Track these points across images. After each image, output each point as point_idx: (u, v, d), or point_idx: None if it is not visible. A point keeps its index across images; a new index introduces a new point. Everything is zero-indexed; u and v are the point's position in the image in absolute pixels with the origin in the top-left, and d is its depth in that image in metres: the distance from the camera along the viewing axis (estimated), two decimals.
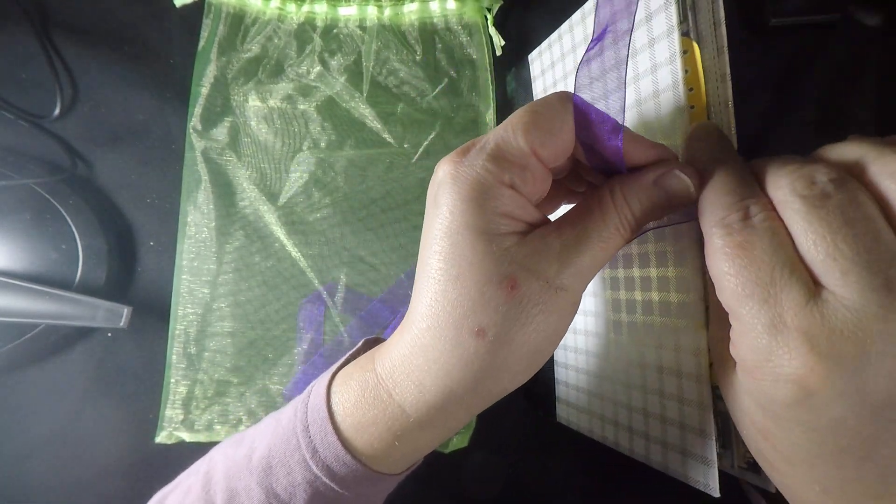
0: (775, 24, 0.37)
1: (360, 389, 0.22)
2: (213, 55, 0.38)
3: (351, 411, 0.22)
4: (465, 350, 0.19)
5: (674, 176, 0.19)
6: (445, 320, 0.19)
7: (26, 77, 0.38)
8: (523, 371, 0.20)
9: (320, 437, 0.22)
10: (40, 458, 0.36)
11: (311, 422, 0.22)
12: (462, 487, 0.37)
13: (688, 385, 0.23)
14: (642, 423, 0.26)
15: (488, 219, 0.18)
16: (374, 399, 0.21)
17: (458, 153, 0.19)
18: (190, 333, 0.37)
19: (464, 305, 0.18)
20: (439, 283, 0.19)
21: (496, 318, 0.18)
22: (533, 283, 0.18)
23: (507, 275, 0.18)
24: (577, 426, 0.32)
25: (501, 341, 0.18)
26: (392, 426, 0.21)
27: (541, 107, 0.19)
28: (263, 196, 0.38)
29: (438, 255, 0.19)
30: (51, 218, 0.35)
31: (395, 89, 0.39)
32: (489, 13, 0.39)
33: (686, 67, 0.22)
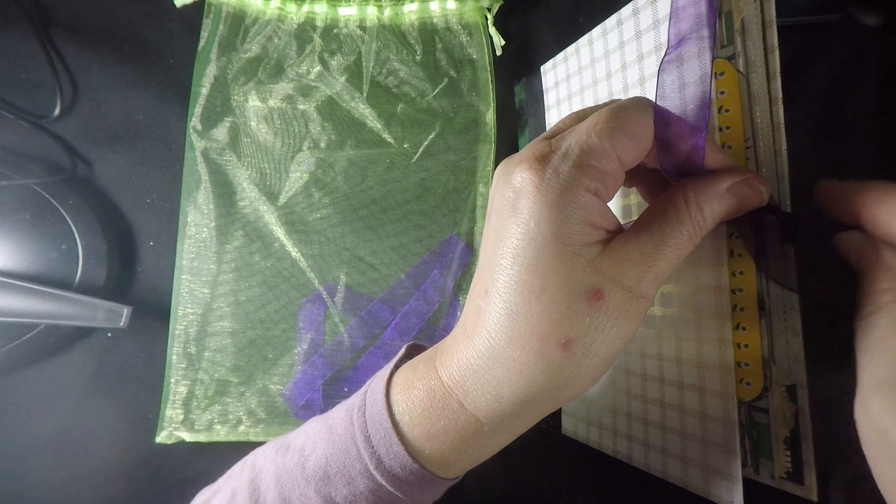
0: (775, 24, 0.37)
1: (427, 398, 0.21)
2: (213, 55, 0.38)
3: (419, 421, 0.21)
4: (550, 362, 0.19)
5: (749, 185, 0.20)
6: (530, 332, 0.18)
7: (26, 77, 0.38)
8: (598, 376, 0.20)
9: (385, 447, 0.21)
10: (40, 458, 0.36)
11: (371, 431, 0.22)
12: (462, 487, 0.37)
13: (712, 401, 0.23)
14: (660, 438, 0.26)
15: (574, 228, 0.18)
16: (443, 408, 0.21)
17: (538, 160, 0.19)
18: (190, 333, 0.37)
19: (551, 318, 0.18)
20: (521, 295, 0.18)
21: (583, 329, 0.18)
22: (618, 293, 0.18)
23: (594, 286, 0.18)
24: (586, 439, 0.32)
25: (586, 352, 0.18)
26: (465, 435, 0.21)
27: (624, 111, 0.19)
28: (263, 196, 0.38)
29: (520, 266, 0.18)
30: (51, 218, 0.35)
31: (395, 89, 0.39)
32: (489, 13, 0.39)
33: (722, 89, 0.23)
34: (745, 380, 0.22)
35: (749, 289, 0.22)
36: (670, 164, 0.21)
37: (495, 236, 0.19)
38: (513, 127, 0.40)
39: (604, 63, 0.29)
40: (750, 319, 0.22)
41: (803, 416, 0.21)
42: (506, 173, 0.20)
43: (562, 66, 0.33)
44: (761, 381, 0.22)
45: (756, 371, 0.22)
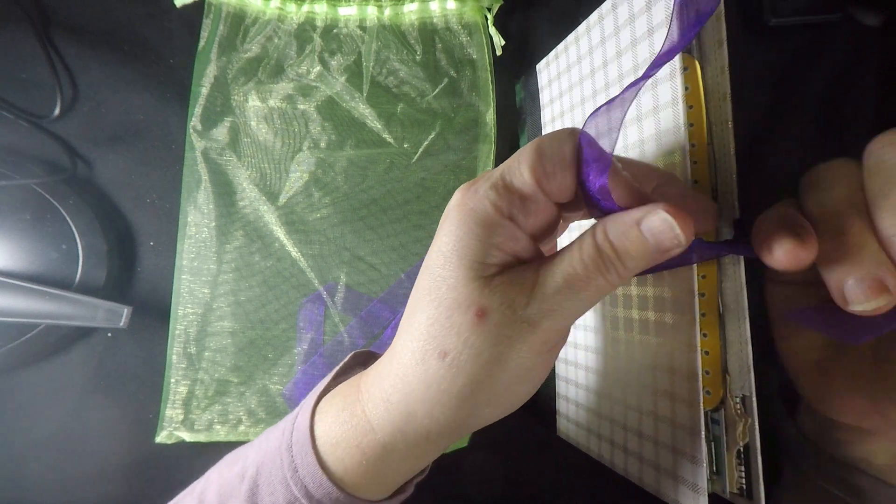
0: (775, 24, 0.37)
1: (341, 405, 0.22)
2: (214, 55, 0.38)
3: (328, 428, 0.21)
4: (427, 370, 0.19)
5: (656, 216, 0.17)
6: (417, 339, 0.19)
7: (26, 77, 0.38)
8: (491, 405, 0.19)
9: (301, 456, 0.21)
10: (40, 458, 0.36)
11: (294, 440, 0.22)
12: (462, 487, 0.37)
13: (680, 409, 0.22)
14: (637, 445, 0.26)
15: (481, 248, 0.18)
16: (350, 415, 0.21)
17: (471, 181, 0.19)
18: (190, 333, 0.37)
19: (434, 327, 0.18)
20: (422, 303, 0.19)
21: (458, 343, 0.18)
22: (500, 314, 0.18)
23: (478, 303, 0.18)
24: (577, 442, 0.32)
25: (461, 368, 0.18)
26: (361, 443, 0.21)
27: (548, 141, 0.19)
28: (263, 196, 0.38)
29: (429, 277, 0.19)
30: (51, 218, 0.35)
31: (395, 89, 0.39)
32: (489, 13, 0.39)
33: (686, 84, 0.22)
34: (707, 388, 0.22)
35: (711, 293, 0.22)
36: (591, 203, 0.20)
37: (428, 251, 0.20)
38: (513, 127, 0.40)
39: (588, 60, 0.29)
40: (711, 326, 0.22)
41: (753, 429, 0.21)
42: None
43: (553, 65, 0.33)
44: (720, 391, 0.22)
45: (716, 380, 0.22)
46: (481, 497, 0.37)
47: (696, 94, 0.22)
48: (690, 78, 0.22)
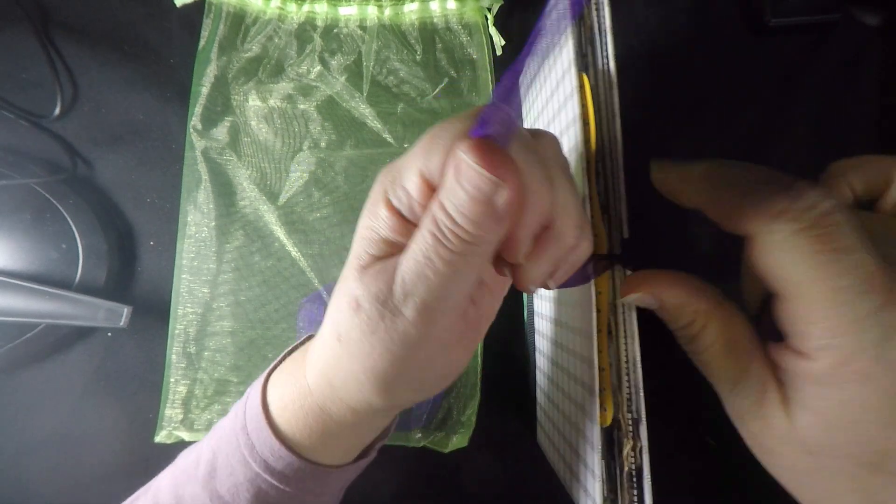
0: (775, 25, 0.37)
1: (288, 370, 0.23)
2: (214, 55, 0.38)
3: (278, 393, 0.23)
4: (332, 347, 0.20)
5: (458, 158, 0.16)
6: (328, 319, 0.20)
7: (26, 77, 0.38)
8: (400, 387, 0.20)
9: (256, 432, 0.22)
10: (40, 458, 0.36)
11: (248, 418, 0.23)
12: (462, 487, 0.37)
13: (587, 423, 0.22)
14: (568, 453, 0.26)
15: (361, 237, 0.19)
16: (294, 379, 0.22)
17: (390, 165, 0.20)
18: (190, 333, 0.37)
19: (332, 309, 0.20)
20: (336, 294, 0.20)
21: (345, 330, 0.19)
22: (371, 304, 0.18)
23: (352, 294, 0.18)
24: (545, 452, 0.32)
25: (350, 350, 0.19)
26: (304, 404, 0.22)
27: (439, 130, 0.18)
28: (263, 196, 0.38)
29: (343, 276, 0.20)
30: (51, 218, 0.35)
31: (395, 89, 0.39)
32: (489, 13, 0.39)
33: (583, 102, 0.22)
34: (604, 405, 0.22)
35: (604, 310, 0.22)
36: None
37: None
38: None
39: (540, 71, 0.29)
40: (604, 342, 0.22)
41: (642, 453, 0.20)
42: None
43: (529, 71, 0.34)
44: (611, 409, 0.22)
45: (609, 398, 0.22)
46: (481, 497, 0.37)
47: (589, 112, 0.22)
48: (585, 95, 0.22)
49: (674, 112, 0.38)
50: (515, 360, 0.38)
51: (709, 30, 0.39)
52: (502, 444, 0.37)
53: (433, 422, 0.37)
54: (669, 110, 0.38)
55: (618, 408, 0.21)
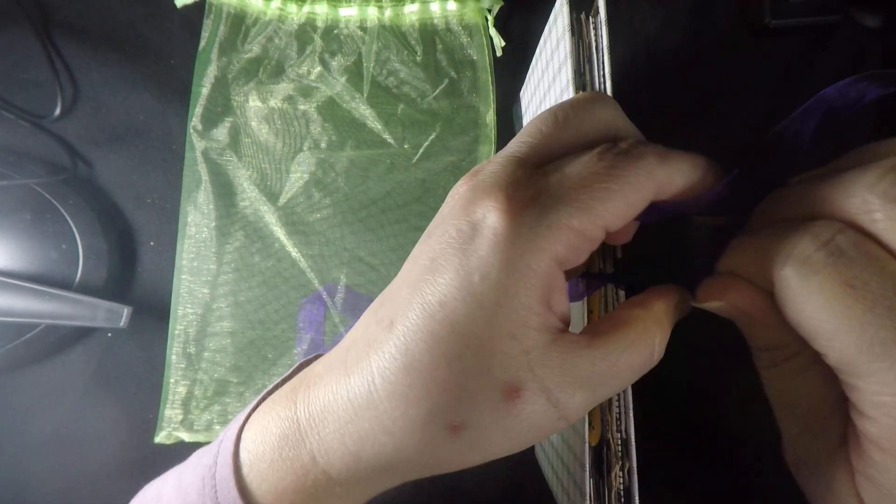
0: (775, 26, 0.37)
1: (278, 446, 0.17)
2: (214, 55, 0.38)
3: (267, 477, 0.17)
4: (429, 439, 0.15)
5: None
6: (419, 399, 0.15)
7: (26, 77, 0.38)
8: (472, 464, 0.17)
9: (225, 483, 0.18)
10: (40, 458, 0.36)
11: (218, 481, 0.18)
12: (462, 487, 0.37)
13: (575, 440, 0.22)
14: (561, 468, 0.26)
15: (525, 303, 0.14)
16: (293, 460, 0.17)
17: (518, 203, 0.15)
18: (190, 333, 0.37)
19: (451, 393, 0.15)
20: (429, 352, 0.15)
21: (482, 421, 0.15)
22: (542, 402, 0.14)
23: (516, 382, 0.14)
24: (542, 467, 0.32)
25: (476, 447, 0.15)
26: (315, 494, 0.17)
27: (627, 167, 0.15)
28: (264, 196, 0.38)
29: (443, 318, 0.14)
30: (51, 218, 0.35)
31: (395, 90, 0.39)
32: (490, 14, 0.39)
33: None
34: (592, 423, 0.21)
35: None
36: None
37: (429, 266, 0.15)
38: (513, 129, 0.40)
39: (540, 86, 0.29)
40: None
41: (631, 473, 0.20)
42: (470, 198, 0.16)
43: (527, 91, 0.34)
44: (599, 427, 0.21)
45: (596, 416, 0.21)
46: (481, 497, 0.37)
47: None
48: None
49: (673, 113, 0.38)
50: None
51: (709, 31, 0.39)
52: None
53: None
54: (669, 111, 0.38)
55: (606, 427, 0.21)
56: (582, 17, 0.23)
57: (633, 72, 0.38)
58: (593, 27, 0.23)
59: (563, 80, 0.23)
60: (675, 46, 0.39)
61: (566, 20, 0.22)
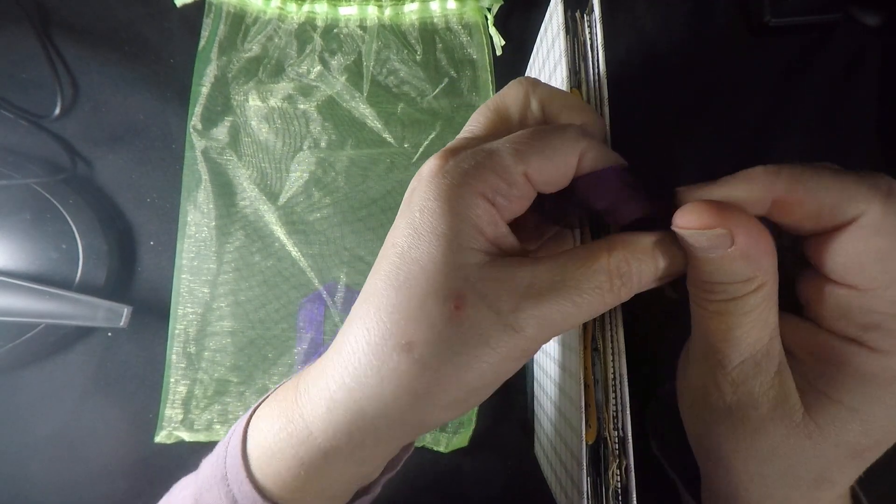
0: (775, 25, 0.37)
1: (277, 412, 0.19)
2: (214, 55, 0.38)
3: (263, 439, 0.19)
4: (385, 363, 0.16)
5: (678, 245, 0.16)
6: (375, 328, 0.16)
7: (26, 77, 0.38)
8: (447, 408, 0.17)
9: (237, 484, 0.19)
10: (40, 458, 0.36)
11: (228, 467, 0.19)
12: (462, 487, 0.37)
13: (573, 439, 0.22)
14: (559, 468, 0.26)
15: (457, 227, 0.16)
16: (286, 421, 0.18)
17: (448, 152, 0.17)
18: (190, 333, 0.37)
19: (399, 314, 0.16)
20: (383, 286, 0.16)
21: (430, 335, 0.16)
22: (483, 310, 0.15)
23: (456, 292, 0.15)
24: (541, 465, 0.32)
25: (428, 364, 0.16)
26: (298, 452, 0.18)
27: (549, 136, 0.17)
28: (263, 196, 0.38)
29: (393, 255, 0.17)
30: (51, 218, 0.35)
31: (395, 89, 0.39)
32: (489, 13, 0.39)
33: None
34: (589, 421, 0.21)
35: (589, 326, 0.22)
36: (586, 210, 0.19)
37: (391, 228, 0.18)
38: None
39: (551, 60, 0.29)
40: (588, 359, 0.22)
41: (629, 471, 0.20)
42: (420, 169, 0.18)
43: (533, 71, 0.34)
44: (595, 425, 0.21)
45: (593, 414, 0.21)
46: (481, 497, 0.37)
47: None
48: None
49: (673, 112, 0.38)
50: None
51: (708, 30, 0.39)
52: (501, 443, 0.37)
53: None
54: (669, 110, 0.38)
55: (603, 425, 0.21)
56: (577, 15, 0.23)
57: (632, 70, 0.38)
58: (588, 25, 0.23)
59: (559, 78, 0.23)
60: (674, 45, 0.39)
61: (560, 18, 0.22)
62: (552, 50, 0.24)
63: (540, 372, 0.33)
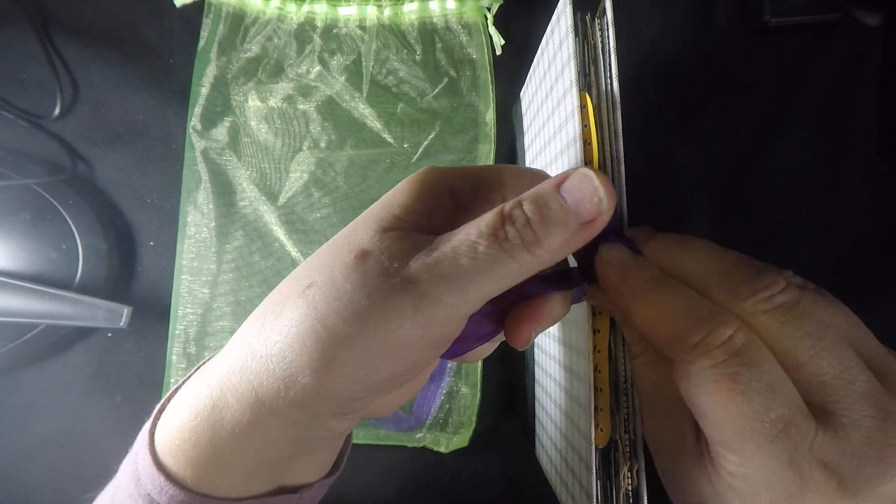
0: (775, 24, 0.37)
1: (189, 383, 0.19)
2: (213, 55, 0.38)
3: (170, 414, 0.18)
4: (280, 302, 0.16)
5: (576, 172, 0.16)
6: (286, 280, 0.17)
7: (26, 77, 0.38)
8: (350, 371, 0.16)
9: (143, 461, 0.18)
10: (40, 458, 0.36)
11: (138, 447, 0.19)
12: (462, 487, 0.37)
13: (582, 443, 0.22)
14: (565, 471, 0.26)
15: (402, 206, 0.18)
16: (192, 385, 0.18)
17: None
18: (190, 333, 0.37)
19: (309, 264, 0.17)
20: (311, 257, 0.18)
21: (325, 278, 0.16)
22: (381, 263, 0.16)
23: (362, 246, 0.16)
24: (543, 467, 0.32)
25: (317, 304, 0.15)
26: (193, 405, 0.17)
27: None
28: (263, 196, 0.38)
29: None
30: (51, 218, 0.35)
31: (394, 89, 0.39)
32: (489, 13, 0.39)
33: (584, 122, 0.22)
34: (600, 426, 0.21)
35: (605, 330, 0.22)
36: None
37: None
38: (513, 128, 0.40)
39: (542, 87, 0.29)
40: (603, 363, 0.22)
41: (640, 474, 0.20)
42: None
43: (528, 91, 0.34)
44: (608, 429, 0.21)
45: (607, 418, 0.21)
46: (481, 497, 0.37)
47: (591, 132, 0.22)
48: (588, 115, 0.22)
49: (673, 112, 0.38)
50: (516, 361, 0.38)
51: (708, 30, 0.39)
52: (502, 444, 0.37)
53: (433, 422, 0.37)
54: (669, 110, 0.38)
55: (615, 428, 0.21)
56: (587, 18, 0.23)
57: (632, 70, 0.38)
58: (599, 29, 0.22)
59: (567, 81, 0.23)
60: (674, 45, 0.39)
61: (569, 21, 0.22)
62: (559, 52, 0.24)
63: (542, 374, 0.33)
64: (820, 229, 0.37)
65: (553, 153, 0.27)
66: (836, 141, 0.38)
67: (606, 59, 0.22)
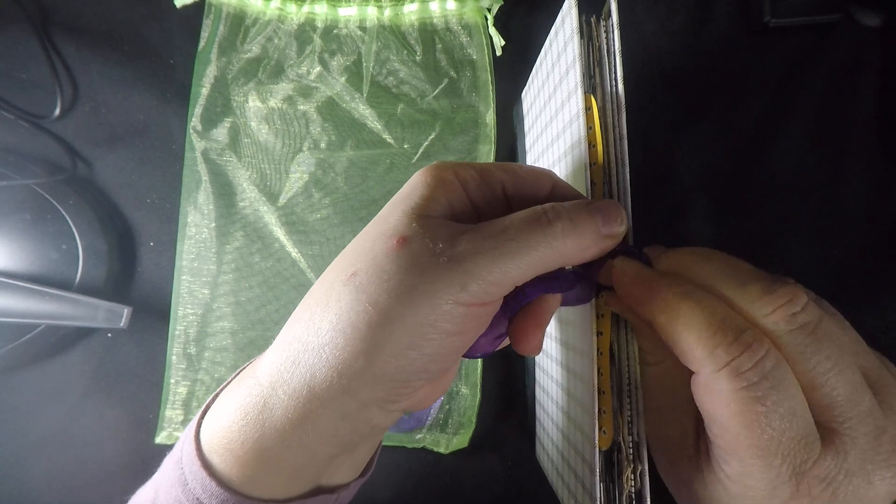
0: (775, 25, 0.37)
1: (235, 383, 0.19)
2: (214, 55, 0.38)
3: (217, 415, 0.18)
4: (326, 293, 0.17)
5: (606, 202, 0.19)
6: (328, 270, 0.18)
7: (26, 77, 0.38)
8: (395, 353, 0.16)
9: (189, 464, 0.18)
10: (40, 458, 0.36)
11: (184, 450, 0.19)
12: (462, 489, 0.37)
13: (585, 445, 0.22)
14: (567, 473, 0.26)
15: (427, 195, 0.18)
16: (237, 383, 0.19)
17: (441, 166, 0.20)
18: (190, 334, 0.37)
19: (349, 252, 0.18)
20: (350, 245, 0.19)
21: (369, 265, 0.16)
22: (423, 244, 0.16)
23: (401, 232, 0.17)
24: (544, 469, 0.32)
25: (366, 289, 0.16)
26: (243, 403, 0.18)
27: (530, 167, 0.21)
28: (263, 196, 0.38)
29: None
30: (51, 218, 0.35)
31: (395, 90, 0.39)
32: (489, 13, 0.39)
33: (589, 124, 0.22)
34: (604, 428, 0.21)
35: (606, 333, 0.22)
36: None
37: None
38: (514, 129, 0.40)
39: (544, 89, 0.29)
40: (605, 365, 0.22)
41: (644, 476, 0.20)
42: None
43: (530, 92, 0.34)
44: (611, 432, 0.21)
45: (609, 420, 0.21)
46: (481, 498, 0.37)
47: (596, 134, 0.22)
48: (592, 118, 0.22)
49: (673, 112, 0.38)
50: (516, 362, 0.38)
51: (709, 30, 0.39)
52: (502, 445, 0.37)
53: (433, 423, 0.37)
54: (669, 111, 0.38)
55: (618, 431, 0.21)
56: (592, 20, 0.23)
57: (633, 71, 0.38)
58: (605, 30, 0.22)
59: (571, 82, 0.23)
60: (674, 45, 0.39)
61: (574, 23, 0.22)
62: (563, 54, 0.24)
63: (542, 374, 0.33)
64: (820, 229, 0.37)
65: (556, 155, 0.27)
66: (836, 141, 0.38)
67: (611, 61, 0.22)
